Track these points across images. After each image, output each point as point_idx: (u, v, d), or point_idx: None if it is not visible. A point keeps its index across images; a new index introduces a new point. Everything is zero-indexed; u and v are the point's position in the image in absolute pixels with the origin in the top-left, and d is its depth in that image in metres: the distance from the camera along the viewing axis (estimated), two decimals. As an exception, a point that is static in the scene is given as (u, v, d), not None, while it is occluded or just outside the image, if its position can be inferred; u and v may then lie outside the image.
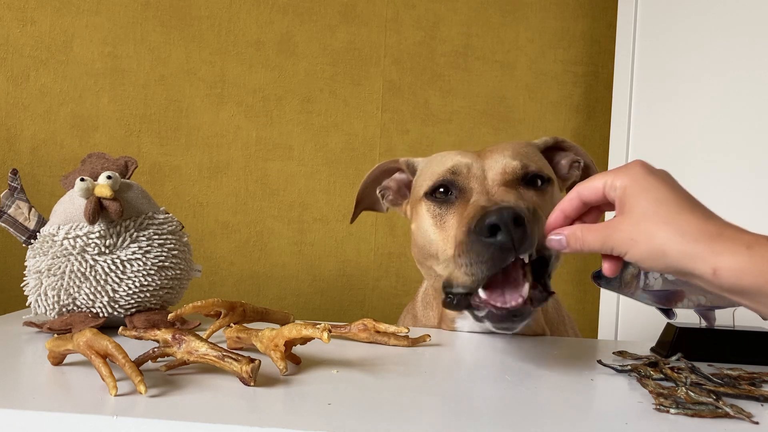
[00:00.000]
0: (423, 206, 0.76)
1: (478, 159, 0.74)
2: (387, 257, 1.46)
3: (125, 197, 0.76)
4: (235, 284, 1.38)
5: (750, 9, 1.08)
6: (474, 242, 0.62)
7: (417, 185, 0.81)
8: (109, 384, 0.49)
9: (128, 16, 1.31)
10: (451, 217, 0.71)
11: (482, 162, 0.74)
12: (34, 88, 1.27)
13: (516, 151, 0.75)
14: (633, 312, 1.29)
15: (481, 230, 0.61)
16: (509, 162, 0.72)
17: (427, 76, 1.47)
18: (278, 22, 1.39)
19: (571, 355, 0.71)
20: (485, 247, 0.61)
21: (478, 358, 0.70)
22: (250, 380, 0.52)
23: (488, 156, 0.75)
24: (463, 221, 0.66)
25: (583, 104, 1.55)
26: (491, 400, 0.53)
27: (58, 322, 0.72)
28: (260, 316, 0.74)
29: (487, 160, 0.74)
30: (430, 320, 0.88)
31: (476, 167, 0.73)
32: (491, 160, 0.74)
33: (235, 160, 1.38)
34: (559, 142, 0.85)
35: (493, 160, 0.74)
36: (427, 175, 0.78)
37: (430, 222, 0.73)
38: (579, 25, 1.54)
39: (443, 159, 0.77)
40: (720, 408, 0.50)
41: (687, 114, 1.20)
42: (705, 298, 0.71)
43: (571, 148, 0.86)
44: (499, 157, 0.74)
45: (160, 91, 1.33)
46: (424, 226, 0.75)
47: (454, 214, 0.71)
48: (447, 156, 0.78)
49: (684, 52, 1.22)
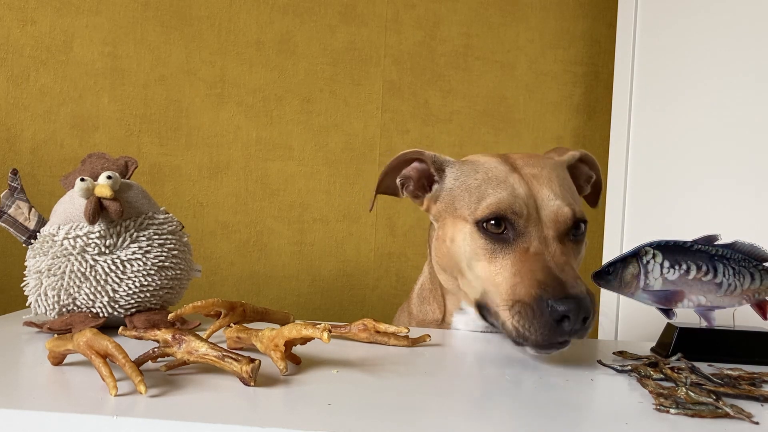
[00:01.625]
0: (469, 232, 0.74)
1: (529, 191, 0.74)
2: (387, 257, 1.46)
3: (125, 197, 0.76)
4: (235, 284, 1.38)
5: (750, 9, 1.08)
6: (541, 314, 0.64)
7: (457, 200, 0.78)
8: (109, 384, 0.49)
9: (128, 16, 1.31)
10: (504, 258, 0.71)
11: (532, 194, 0.74)
12: (34, 88, 1.27)
13: (563, 189, 0.76)
14: (633, 312, 1.29)
15: (553, 312, 0.64)
16: (561, 207, 0.73)
17: (427, 76, 1.47)
18: (278, 22, 1.39)
19: (571, 355, 0.71)
20: (548, 325, 0.64)
21: (478, 358, 0.70)
22: (250, 380, 0.52)
23: (536, 189, 0.74)
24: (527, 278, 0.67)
25: (583, 104, 1.55)
26: (491, 400, 0.53)
27: (58, 322, 0.72)
28: (260, 316, 0.74)
29: (537, 194, 0.74)
30: (427, 315, 0.89)
31: (531, 204, 0.73)
32: (542, 196, 0.74)
33: (235, 160, 1.38)
34: (584, 156, 0.86)
35: (544, 197, 0.73)
36: (473, 194, 0.76)
37: (479, 253, 0.73)
38: (579, 25, 1.54)
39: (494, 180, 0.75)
40: (720, 408, 0.50)
41: (687, 114, 1.20)
42: (705, 298, 0.71)
43: (590, 163, 0.88)
44: (549, 195, 0.74)
45: (160, 91, 1.33)
46: (468, 252, 0.74)
47: (509, 256, 0.71)
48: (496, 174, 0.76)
49: (684, 52, 1.22)
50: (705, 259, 0.71)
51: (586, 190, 0.90)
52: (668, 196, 1.23)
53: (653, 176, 1.27)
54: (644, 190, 1.29)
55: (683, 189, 1.20)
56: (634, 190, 1.31)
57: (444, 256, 0.79)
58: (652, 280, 0.70)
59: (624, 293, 0.72)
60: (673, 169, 1.23)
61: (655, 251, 0.71)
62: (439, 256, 0.80)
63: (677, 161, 1.22)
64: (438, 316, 0.87)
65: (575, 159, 0.85)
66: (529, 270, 0.68)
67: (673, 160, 1.22)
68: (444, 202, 0.80)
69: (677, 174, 1.21)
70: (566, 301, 0.63)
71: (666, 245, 0.71)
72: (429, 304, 0.89)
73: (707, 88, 1.16)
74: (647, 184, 1.29)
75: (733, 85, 1.11)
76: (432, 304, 0.88)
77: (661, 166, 1.26)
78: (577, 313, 0.63)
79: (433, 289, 0.88)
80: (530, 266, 0.68)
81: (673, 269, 0.70)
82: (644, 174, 1.30)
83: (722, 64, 1.13)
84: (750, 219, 1.06)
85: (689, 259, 0.70)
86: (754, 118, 1.07)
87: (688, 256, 0.71)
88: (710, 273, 0.70)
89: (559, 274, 0.67)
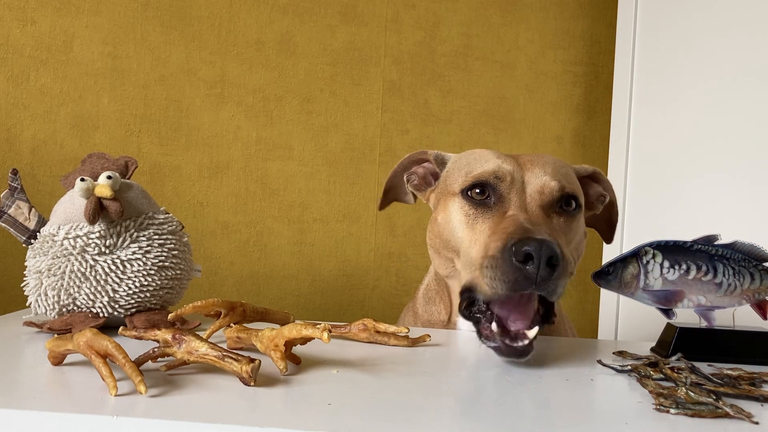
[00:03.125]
0: (456, 202, 0.76)
1: (518, 168, 0.75)
2: (387, 257, 1.46)
3: (125, 197, 0.76)
4: (235, 284, 1.38)
5: (750, 9, 1.08)
6: (505, 260, 0.64)
7: (449, 178, 0.81)
8: (109, 384, 0.49)
9: (128, 16, 1.31)
10: (483, 222, 0.73)
11: (522, 172, 0.75)
12: (34, 88, 1.27)
13: (556, 170, 0.77)
14: (633, 312, 1.29)
15: (516, 252, 0.63)
16: (548, 181, 0.74)
17: (427, 76, 1.47)
18: (278, 22, 1.39)
19: (571, 355, 0.71)
20: (513, 269, 0.64)
21: (478, 358, 0.70)
22: (250, 380, 0.52)
23: (528, 168, 0.76)
24: (498, 233, 0.68)
25: (583, 104, 1.55)
26: (491, 400, 0.53)
27: (58, 322, 0.72)
28: (260, 316, 0.74)
29: (527, 173, 0.75)
30: (433, 315, 0.88)
31: (517, 177, 0.74)
32: (531, 173, 0.75)
33: (235, 160, 1.38)
34: (596, 174, 0.87)
35: (534, 174, 0.75)
36: (462, 170, 0.79)
37: (461, 220, 0.75)
38: (579, 25, 1.54)
39: (483, 159, 0.78)
40: (720, 408, 0.50)
41: (687, 114, 1.20)
42: (705, 298, 0.71)
43: (603, 182, 0.88)
44: (539, 172, 0.75)
45: (160, 91, 1.33)
46: (454, 221, 0.76)
47: (488, 220, 0.72)
48: (486, 156, 0.79)
49: (684, 52, 1.22)
50: (705, 259, 0.71)
51: (597, 208, 0.90)
52: (668, 196, 1.23)
53: (653, 176, 1.27)
54: (644, 190, 1.29)
55: (683, 189, 1.20)
56: (634, 190, 1.31)
57: (436, 236, 0.80)
58: (652, 280, 0.70)
59: (624, 293, 0.72)
60: (672, 169, 1.23)
61: (655, 251, 0.71)
62: (432, 238, 0.81)
63: (677, 161, 1.22)
64: (444, 317, 0.87)
65: (586, 173, 0.86)
66: (502, 228, 0.68)
67: (673, 159, 1.22)
68: (440, 186, 0.83)
69: (677, 174, 1.21)
70: (528, 241, 0.63)
71: (666, 245, 0.71)
72: (435, 304, 0.88)
73: (707, 87, 1.16)
74: (647, 184, 1.29)
75: (732, 85, 1.11)
76: (438, 304, 0.88)
77: (660, 166, 1.26)
78: (539, 251, 0.62)
79: (440, 290, 0.88)
80: (504, 225, 0.69)
81: (673, 269, 0.70)
82: (644, 174, 1.30)
83: (722, 64, 1.13)
84: (750, 219, 1.06)
85: (689, 259, 0.70)
86: (754, 118, 1.07)
87: (688, 256, 0.71)
88: (710, 273, 0.70)
89: (528, 225, 0.67)
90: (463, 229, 0.74)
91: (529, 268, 0.62)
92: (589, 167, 0.87)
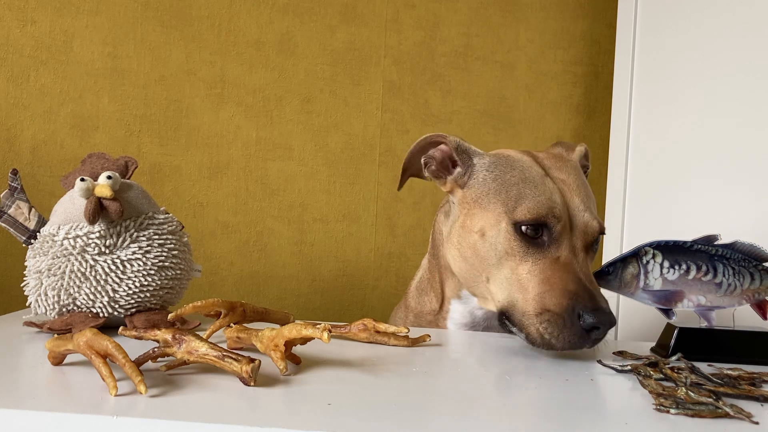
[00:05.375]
0: (504, 229, 0.74)
1: (563, 199, 0.74)
2: (387, 257, 1.46)
3: (125, 197, 0.76)
4: (235, 284, 1.38)
5: (750, 9, 1.08)
6: (572, 324, 0.67)
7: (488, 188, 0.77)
8: (109, 384, 0.49)
9: (128, 16, 1.31)
10: (534, 264, 0.72)
11: (566, 204, 0.74)
12: (34, 88, 1.27)
13: (587, 198, 0.77)
14: (633, 312, 1.29)
15: (585, 322, 0.66)
16: (591, 221, 0.74)
17: (427, 76, 1.47)
18: (278, 22, 1.39)
19: (571, 355, 0.71)
20: (577, 333, 0.67)
21: (478, 358, 0.70)
22: (250, 380, 0.52)
23: (568, 197, 0.75)
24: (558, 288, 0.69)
25: (583, 104, 1.55)
26: (491, 400, 0.53)
27: (58, 322, 0.72)
28: (260, 316, 0.74)
29: (569, 204, 0.75)
30: (425, 305, 0.89)
31: (565, 213, 0.74)
32: (573, 205, 0.75)
33: (235, 160, 1.38)
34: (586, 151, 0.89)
35: (575, 207, 0.75)
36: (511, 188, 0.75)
37: (510, 253, 0.73)
38: (579, 25, 1.54)
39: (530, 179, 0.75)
40: (720, 408, 0.50)
41: (687, 114, 1.20)
42: (705, 298, 0.71)
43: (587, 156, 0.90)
44: (579, 206, 0.75)
45: (160, 91, 1.33)
46: (499, 249, 0.74)
47: (539, 263, 0.72)
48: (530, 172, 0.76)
49: (684, 52, 1.22)
50: (705, 259, 0.71)
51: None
52: (668, 196, 1.23)
53: (653, 176, 1.27)
54: (644, 190, 1.29)
55: (683, 189, 1.20)
56: (633, 190, 1.31)
57: (470, 247, 0.78)
58: (652, 280, 0.70)
59: (624, 293, 0.72)
60: (672, 169, 1.22)
61: (655, 251, 0.71)
62: (464, 246, 0.79)
63: (677, 161, 1.22)
64: (435, 306, 0.88)
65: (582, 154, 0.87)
66: (560, 279, 0.69)
67: (673, 160, 1.22)
68: (474, 191, 0.79)
69: (677, 174, 1.21)
70: (597, 313, 0.66)
71: (666, 245, 0.71)
72: (426, 294, 0.90)
73: (707, 88, 1.16)
74: (647, 184, 1.29)
75: (732, 85, 1.11)
76: (429, 293, 0.89)
77: (660, 166, 1.26)
78: (607, 325, 0.66)
79: (431, 279, 0.89)
80: (561, 275, 0.70)
81: (672, 269, 0.70)
82: (644, 174, 1.30)
83: (722, 64, 1.13)
84: (750, 219, 1.06)
85: (689, 259, 0.70)
86: (754, 118, 1.07)
87: (688, 256, 0.71)
88: (710, 273, 0.70)
89: (588, 285, 0.69)
90: (510, 262, 0.73)
91: (593, 336, 0.67)
92: (582, 149, 0.87)
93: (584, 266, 0.72)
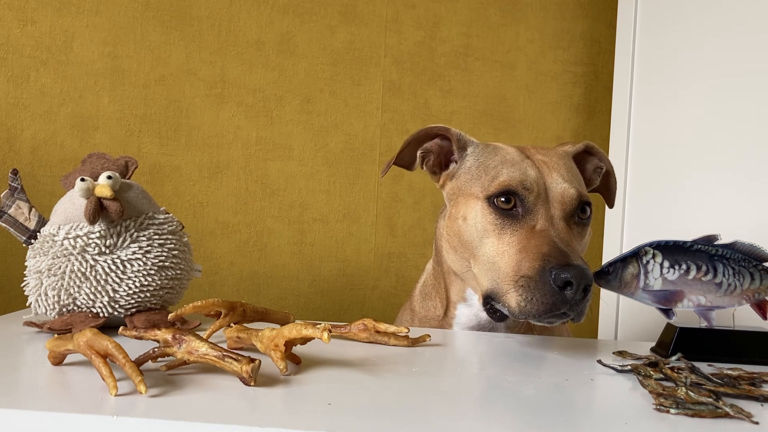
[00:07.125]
0: (480, 208, 0.76)
1: (539, 174, 0.76)
2: (387, 257, 1.46)
3: (125, 197, 0.76)
4: (235, 284, 1.38)
5: (750, 9, 1.08)
6: (544, 284, 0.66)
7: (470, 176, 0.80)
8: (109, 384, 0.49)
9: (128, 16, 1.31)
10: (512, 234, 0.73)
11: (543, 178, 0.75)
12: (34, 88, 1.27)
13: (569, 173, 0.78)
14: (633, 312, 1.29)
15: (556, 278, 0.65)
16: (567, 189, 0.75)
17: (427, 76, 1.47)
18: (278, 22, 1.39)
19: (571, 355, 0.71)
20: (551, 293, 0.66)
21: (478, 358, 0.70)
22: (250, 380, 0.52)
23: (546, 172, 0.76)
24: (532, 252, 0.69)
25: (583, 104, 1.55)
26: (491, 400, 0.53)
27: (59, 322, 0.72)
28: (260, 316, 0.74)
29: (546, 178, 0.76)
30: (429, 311, 0.89)
31: (541, 186, 0.75)
32: (551, 179, 0.76)
33: (235, 160, 1.38)
34: (589, 147, 0.88)
35: (553, 180, 0.75)
36: (488, 172, 0.78)
37: (487, 228, 0.74)
38: (579, 25, 1.54)
39: (508, 161, 0.77)
40: (720, 408, 0.50)
41: (687, 114, 1.20)
42: (705, 298, 0.71)
43: (597, 154, 0.89)
44: (557, 178, 0.76)
45: (160, 91, 1.33)
46: (478, 227, 0.75)
47: (516, 233, 0.72)
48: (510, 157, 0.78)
49: (684, 53, 1.22)
50: (705, 259, 0.71)
51: (596, 181, 0.91)
52: (668, 195, 1.23)
53: (653, 176, 1.27)
54: (644, 190, 1.29)
55: (683, 189, 1.20)
56: (633, 190, 1.31)
57: (455, 235, 0.79)
58: (652, 280, 0.70)
59: (624, 293, 0.72)
60: (672, 169, 1.22)
61: (655, 251, 0.71)
62: (450, 235, 0.80)
63: (677, 161, 1.22)
64: (440, 312, 0.87)
65: (580, 150, 0.87)
66: (535, 245, 0.69)
67: (673, 159, 1.22)
68: (460, 180, 0.81)
69: (677, 174, 1.21)
70: (569, 268, 0.65)
71: (666, 245, 0.71)
72: (431, 299, 0.89)
73: (707, 88, 1.16)
74: (647, 184, 1.29)
75: (732, 84, 1.11)
76: (434, 299, 0.88)
77: (660, 166, 1.26)
78: (579, 279, 0.64)
79: (436, 284, 0.88)
80: (536, 242, 0.70)
81: (672, 269, 0.70)
82: (644, 174, 1.30)
83: (722, 64, 1.13)
84: (750, 219, 1.06)
85: (689, 259, 0.70)
86: (753, 118, 1.07)
87: (688, 256, 0.71)
88: (710, 273, 0.70)
89: (563, 247, 0.69)
90: (490, 238, 0.74)
91: (568, 294, 0.65)
92: (579, 144, 0.87)
93: (563, 233, 0.72)
